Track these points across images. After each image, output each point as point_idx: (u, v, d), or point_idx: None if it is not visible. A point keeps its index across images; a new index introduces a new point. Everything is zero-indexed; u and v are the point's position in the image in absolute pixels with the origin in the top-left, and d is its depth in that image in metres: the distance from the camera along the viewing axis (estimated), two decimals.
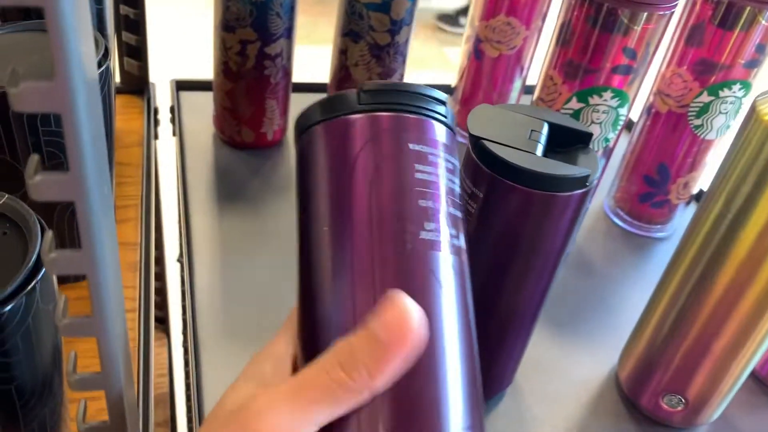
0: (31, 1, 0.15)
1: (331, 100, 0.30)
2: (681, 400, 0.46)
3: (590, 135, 0.40)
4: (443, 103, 0.30)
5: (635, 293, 0.60)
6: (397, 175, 0.27)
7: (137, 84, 0.73)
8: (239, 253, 0.57)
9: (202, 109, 0.72)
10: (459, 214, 0.29)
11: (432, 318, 0.25)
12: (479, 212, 0.39)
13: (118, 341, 0.22)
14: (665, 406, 0.47)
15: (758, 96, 0.40)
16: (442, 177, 0.28)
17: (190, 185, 0.63)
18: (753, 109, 0.39)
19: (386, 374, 0.23)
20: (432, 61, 2.62)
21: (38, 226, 0.30)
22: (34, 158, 0.19)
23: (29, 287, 0.28)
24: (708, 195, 0.43)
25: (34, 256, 0.29)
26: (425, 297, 0.25)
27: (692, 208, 0.71)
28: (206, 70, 0.73)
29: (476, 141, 0.38)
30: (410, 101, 0.29)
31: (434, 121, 0.29)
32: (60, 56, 0.16)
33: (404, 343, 0.22)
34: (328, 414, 0.23)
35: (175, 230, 0.89)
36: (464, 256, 0.28)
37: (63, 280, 0.48)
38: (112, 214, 0.21)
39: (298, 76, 0.69)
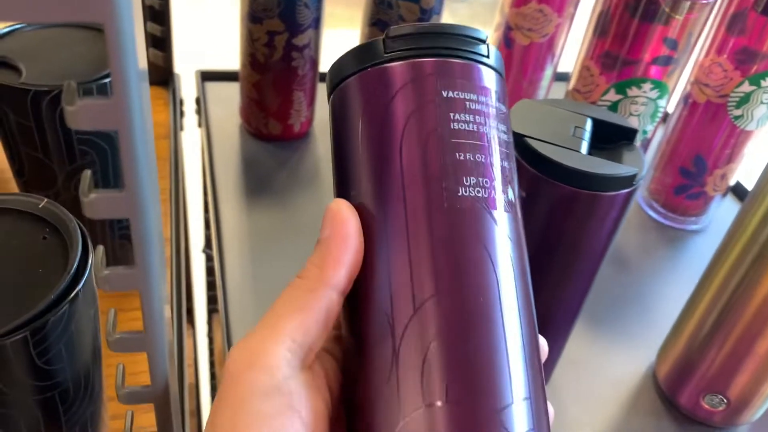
0: (91, 17, 0.15)
1: (362, 48, 0.26)
2: (723, 400, 0.46)
3: (635, 131, 0.39)
4: (484, 42, 0.26)
5: (670, 288, 0.59)
6: (427, 126, 0.24)
7: (162, 75, 0.72)
8: (269, 247, 0.57)
9: (227, 100, 0.72)
10: (509, 165, 0.26)
11: (479, 281, 0.23)
12: (521, 211, 0.38)
13: (167, 355, 0.21)
14: (706, 406, 0.46)
15: None
16: (487, 126, 0.25)
17: (217, 178, 0.63)
18: None
19: (335, 264, 0.24)
20: None
21: (78, 231, 0.30)
22: (87, 175, 0.18)
23: (72, 294, 0.28)
24: (755, 191, 0.42)
25: (76, 263, 0.29)
26: (468, 256, 0.23)
27: (729, 199, 0.69)
28: (231, 61, 0.72)
29: (519, 138, 0.37)
30: (446, 43, 0.25)
31: (476, 64, 0.26)
32: (118, 73, 0.15)
33: (340, 232, 0.24)
34: (298, 323, 0.23)
35: (199, 220, 0.90)
36: (517, 211, 0.26)
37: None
38: (161, 228, 0.21)
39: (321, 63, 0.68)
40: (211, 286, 0.93)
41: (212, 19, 2.21)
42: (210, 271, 0.91)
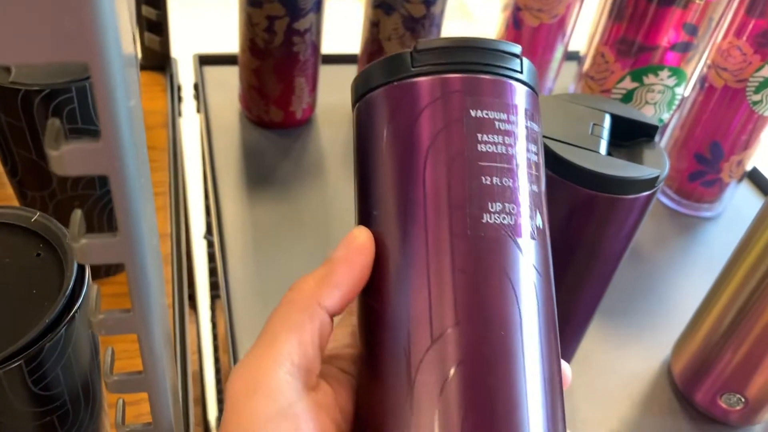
0: (76, 56, 0.13)
1: (390, 60, 0.25)
2: (741, 399, 0.44)
3: (656, 128, 0.37)
4: (517, 56, 0.25)
5: (684, 277, 0.57)
6: (453, 148, 0.23)
7: (159, 60, 0.70)
8: (270, 235, 0.55)
9: (227, 84, 0.69)
10: (539, 189, 0.24)
11: (501, 313, 0.22)
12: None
13: (170, 396, 0.20)
14: (723, 405, 0.45)
15: None
16: (516, 147, 0.23)
17: (217, 166, 0.61)
18: None
19: (333, 287, 0.24)
20: (450, 12, 2.54)
21: None
22: (77, 216, 0.17)
23: (68, 317, 0.26)
24: None
25: (71, 284, 0.27)
26: (490, 287, 0.22)
27: (744, 186, 0.67)
28: (231, 44, 0.70)
29: None
30: (476, 58, 0.24)
31: (507, 80, 0.24)
32: (108, 116, 0.14)
33: (351, 258, 0.24)
34: (295, 343, 0.23)
35: (200, 206, 0.88)
36: (545, 237, 0.24)
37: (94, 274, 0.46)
38: (161, 268, 0.19)
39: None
40: (213, 272, 0.92)
41: (210, 1, 2.16)
42: (212, 257, 0.90)
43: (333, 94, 0.70)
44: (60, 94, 0.38)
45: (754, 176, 0.68)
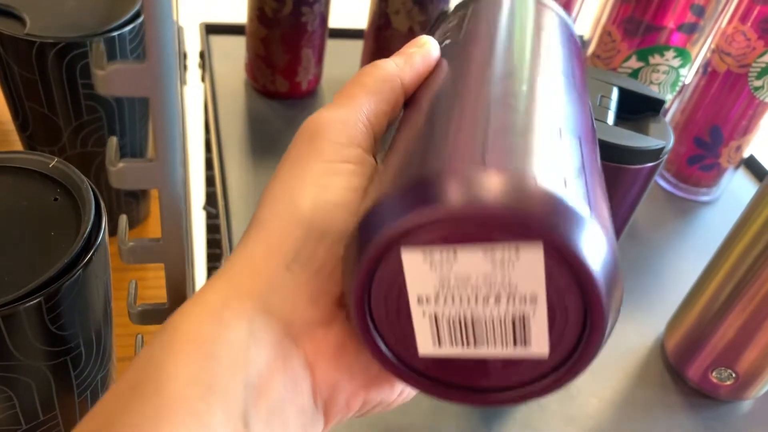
0: None
1: None
2: (731, 374, 0.46)
3: (662, 102, 0.37)
4: None
5: (679, 259, 0.58)
6: None
7: None
8: None
9: (232, 54, 0.70)
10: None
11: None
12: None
13: (186, 270, 0.20)
14: (714, 380, 0.46)
15: None
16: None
17: (222, 135, 0.61)
18: None
19: (413, 69, 0.25)
20: None
21: (91, 192, 0.29)
22: (113, 143, 0.17)
23: (86, 259, 0.27)
24: None
25: (89, 227, 0.28)
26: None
27: (741, 172, 0.68)
28: (237, 14, 0.70)
29: None
30: None
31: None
32: (155, 37, 0.14)
33: (425, 51, 0.26)
34: (374, 105, 0.24)
35: (200, 177, 0.88)
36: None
37: None
38: (187, 197, 0.20)
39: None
40: (211, 243, 0.92)
41: None
42: (210, 229, 0.90)
43: (338, 68, 0.71)
44: (74, 48, 0.38)
45: (750, 163, 0.69)
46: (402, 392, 0.24)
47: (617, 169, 0.35)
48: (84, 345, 0.29)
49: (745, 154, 0.62)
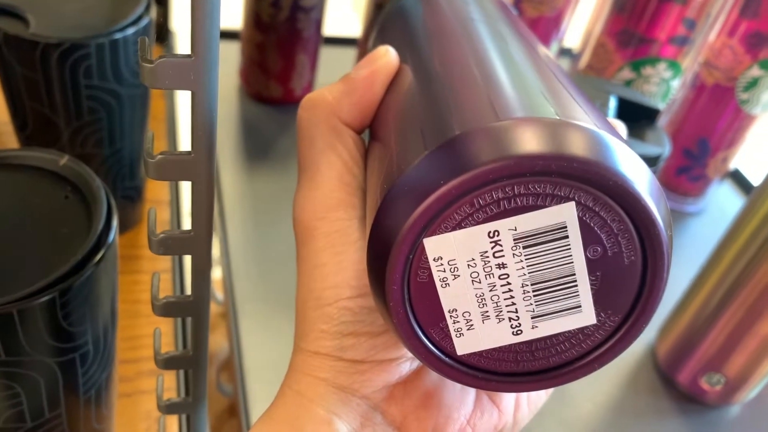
0: None
1: None
2: (721, 379, 0.46)
3: (658, 111, 0.38)
4: None
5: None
6: None
7: (159, 32, 0.70)
8: (270, 209, 0.56)
9: (225, 59, 0.70)
10: None
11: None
12: None
13: (211, 262, 0.21)
14: (704, 385, 0.47)
15: None
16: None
17: (217, 141, 0.61)
18: None
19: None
20: None
21: (102, 191, 0.29)
22: (150, 136, 0.17)
23: (98, 257, 0.27)
24: (765, 180, 0.42)
25: (101, 225, 0.28)
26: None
27: (726, 184, 0.70)
28: (230, 19, 0.70)
29: None
30: None
31: None
32: (202, 31, 0.15)
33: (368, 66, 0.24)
34: (337, 160, 0.22)
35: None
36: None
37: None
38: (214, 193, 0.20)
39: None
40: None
41: None
42: None
43: (332, 75, 0.71)
44: (78, 49, 0.38)
45: (736, 176, 0.70)
46: (518, 408, 0.24)
47: None
48: (92, 343, 0.29)
49: (732, 166, 0.64)
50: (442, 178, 0.16)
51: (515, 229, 0.17)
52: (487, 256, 0.17)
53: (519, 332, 0.19)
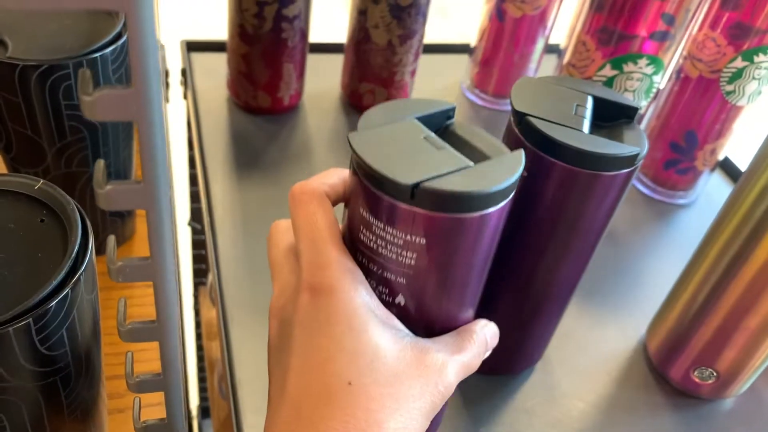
0: (111, 5, 0.14)
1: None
2: (713, 373, 0.46)
3: (636, 109, 0.38)
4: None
5: (659, 262, 0.59)
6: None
7: None
8: (260, 220, 0.56)
9: (214, 71, 0.70)
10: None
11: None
12: (521, 190, 0.37)
13: (174, 286, 0.21)
14: (696, 379, 0.47)
15: None
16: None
17: (206, 152, 0.62)
18: None
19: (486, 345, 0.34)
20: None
21: (77, 213, 0.29)
22: (101, 166, 0.18)
23: (74, 280, 0.27)
24: (751, 168, 0.42)
25: (76, 247, 0.28)
26: None
27: (717, 175, 0.70)
28: (218, 31, 0.70)
29: (521, 117, 0.36)
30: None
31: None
32: (140, 63, 0.15)
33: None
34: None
35: (185, 193, 0.88)
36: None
37: None
38: (174, 217, 0.20)
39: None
40: (196, 259, 0.92)
41: None
42: (196, 245, 0.90)
43: (319, 82, 0.71)
44: (57, 70, 0.39)
45: (726, 166, 0.70)
46: None
47: (594, 177, 0.36)
48: (73, 365, 0.30)
49: (720, 157, 0.64)
50: None
51: None
52: None
53: None
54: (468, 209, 0.29)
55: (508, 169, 0.30)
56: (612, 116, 0.39)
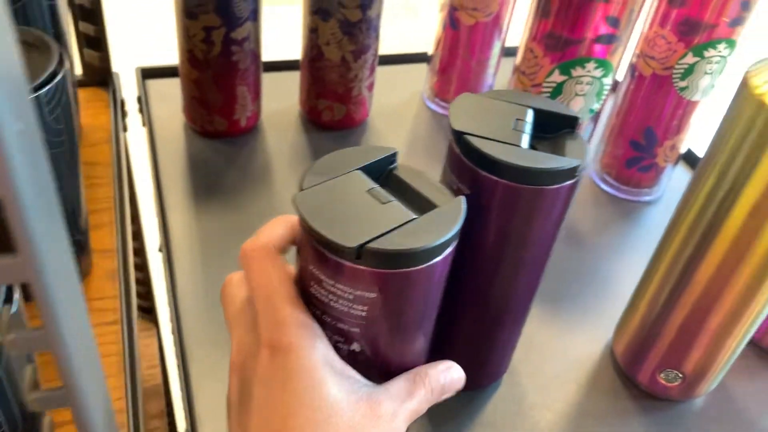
0: None
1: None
2: (678, 375, 0.46)
3: (577, 119, 0.38)
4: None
5: (626, 262, 0.59)
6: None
7: (100, 75, 0.70)
8: (219, 247, 0.55)
9: (170, 96, 0.69)
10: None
11: None
12: (467, 208, 0.37)
13: (80, 352, 0.20)
14: (662, 381, 0.47)
15: (750, 67, 0.38)
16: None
17: (163, 179, 0.61)
18: (744, 82, 0.37)
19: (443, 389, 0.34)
20: (396, 10, 2.54)
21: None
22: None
23: None
24: (700, 169, 0.42)
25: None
26: None
27: (680, 169, 0.70)
28: (172, 56, 0.70)
29: (459, 136, 0.36)
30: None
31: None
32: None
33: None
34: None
35: (154, 221, 0.88)
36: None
37: None
38: (78, 285, 0.19)
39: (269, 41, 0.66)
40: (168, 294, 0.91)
41: (149, 12, 2.13)
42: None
43: (278, 101, 0.71)
44: None
45: (689, 158, 0.70)
46: None
47: (536, 191, 0.35)
48: (9, 426, 0.29)
49: (682, 150, 0.63)
50: None
51: None
52: None
53: None
54: (413, 264, 0.30)
55: (450, 218, 0.31)
56: (554, 127, 0.38)
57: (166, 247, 0.54)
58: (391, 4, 0.64)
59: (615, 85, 0.66)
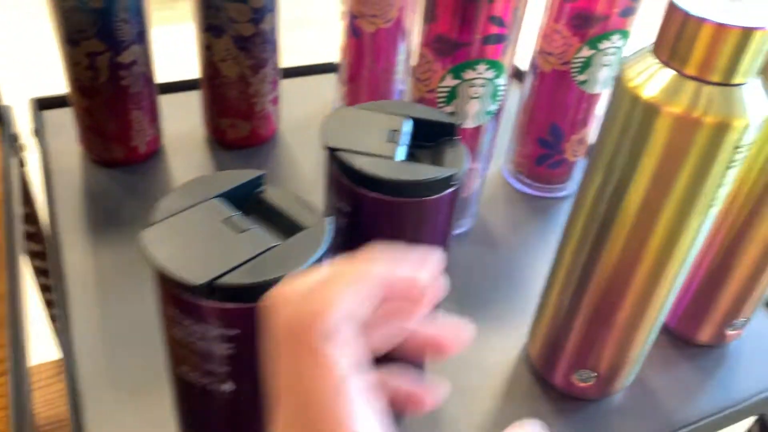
0: None
1: None
2: (592, 374, 0.46)
3: (454, 125, 0.37)
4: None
5: (541, 261, 0.58)
6: None
7: None
8: (118, 285, 0.52)
9: (66, 127, 0.66)
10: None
11: None
12: (348, 226, 0.36)
13: None
14: (578, 382, 0.46)
15: (623, 60, 0.38)
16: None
17: (59, 216, 0.58)
18: (619, 76, 0.37)
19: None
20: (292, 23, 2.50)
21: None
22: None
23: None
24: (589, 166, 0.41)
25: None
26: None
27: None
28: (61, 85, 0.67)
29: (332, 152, 0.34)
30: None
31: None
32: None
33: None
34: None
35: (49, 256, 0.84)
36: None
37: None
38: None
39: (169, 62, 0.64)
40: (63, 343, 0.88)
41: (39, 42, 2.03)
42: None
43: (180, 123, 0.68)
44: None
45: (583, 171, 0.70)
46: None
47: (415, 204, 0.34)
48: None
49: (590, 142, 0.63)
50: None
51: None
52: None
53: None
54: None
55: (313, 242, 0.29)
56: (434, 135, 0.37)
57: (62, 290, 0.51)
58: (290, 15, 0.62)
59: (522, 82, 0.66)
